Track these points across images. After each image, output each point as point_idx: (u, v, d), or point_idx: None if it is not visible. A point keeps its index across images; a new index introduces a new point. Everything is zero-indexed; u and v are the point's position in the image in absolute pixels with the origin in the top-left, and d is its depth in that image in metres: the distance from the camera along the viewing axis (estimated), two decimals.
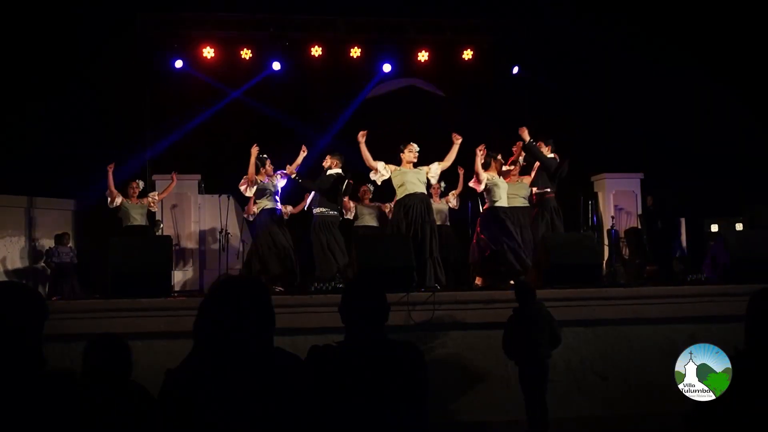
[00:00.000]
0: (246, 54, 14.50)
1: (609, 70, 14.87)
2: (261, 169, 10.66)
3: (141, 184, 12.49)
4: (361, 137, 9.97)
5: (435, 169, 10.21)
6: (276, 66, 14.73)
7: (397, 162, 10.20)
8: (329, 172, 10.67)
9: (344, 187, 10.80)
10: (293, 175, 10.72)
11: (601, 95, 14.77)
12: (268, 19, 14.43)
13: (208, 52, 14.32)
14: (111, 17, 13.82)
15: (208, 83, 14.65)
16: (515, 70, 15.32)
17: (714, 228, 13.84)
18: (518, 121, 14.91)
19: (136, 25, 13.97)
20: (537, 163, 10.85)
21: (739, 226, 13.66)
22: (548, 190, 10.58)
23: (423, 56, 14.98)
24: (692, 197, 14.27)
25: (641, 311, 8.35)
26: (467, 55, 15.11)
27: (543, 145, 10.71)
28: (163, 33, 14.18)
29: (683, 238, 14.33)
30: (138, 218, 12.02)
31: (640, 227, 13.90)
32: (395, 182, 10.07)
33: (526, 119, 14.93)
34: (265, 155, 10.73)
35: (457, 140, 10.18)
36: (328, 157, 10.80)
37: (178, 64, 14.38)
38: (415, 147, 10.16)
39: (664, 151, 14.31)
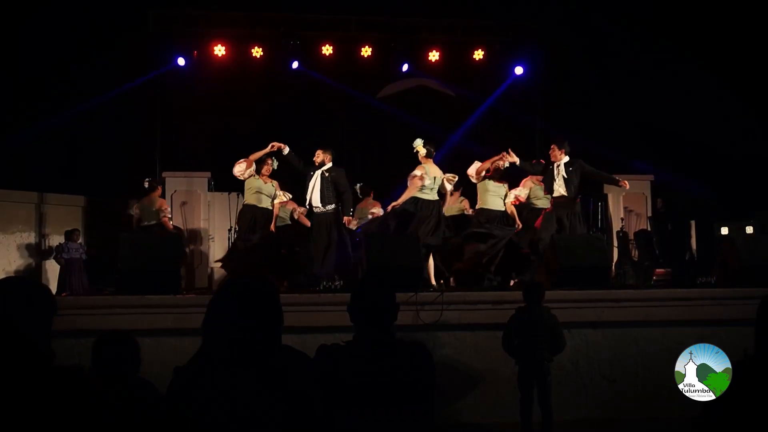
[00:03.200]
0: (257, 52, 14.50)
1: (620, 72, 14.83)
2: (263, 166, 10.81)
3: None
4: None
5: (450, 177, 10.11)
6: (295, 64, 14.75)
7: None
8: (324, 167, 10.51)
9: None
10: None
11: (612, 96, 14.73)
12: (280, 17, 14.44)
13: (219, 50, 14.32)
14: (123, 14, 13.87)
15: (218, 81, 14.66)
16: (520, 70, 15.27)
17: (724, 231, 13.77)
18: (528, 122, 15.00)
19: (148, 22, 13.99)
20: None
21: (749, 230, 13.60)
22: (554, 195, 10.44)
23: (434, 56, 14.96)
24: (702, 200, 14.23)
25: (650, 313, 8.33)
26: (478, 55, 15.07)
27: (556, 148, 10.45)
28: (174, 30, 14.20)
29: (693, 240, 14.28)
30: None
31: (649, 229, 13.86)
32: (429, 175, 9.79)
33: (536, 120, 15.05)
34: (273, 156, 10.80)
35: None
36: (319, 152, 10.51)
37: (189, 61, 14.39)
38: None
39: (674, 153, 14.27)
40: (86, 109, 14.04)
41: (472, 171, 10.67)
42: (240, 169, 10.76)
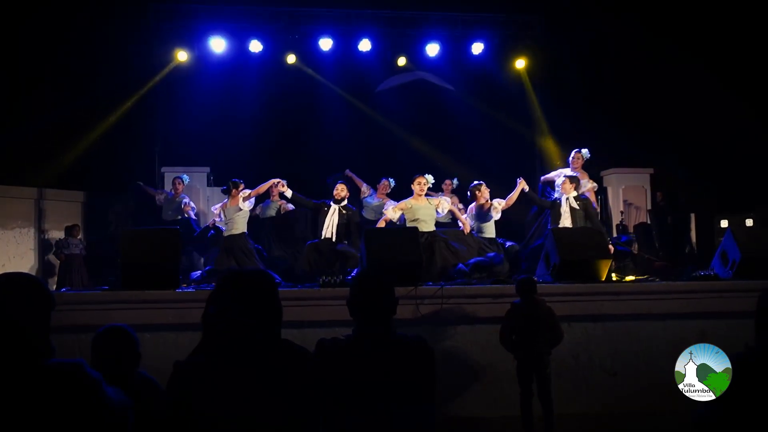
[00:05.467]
0: (256, 46, 14.48)
1: (620, 65, 14.82)
2: (233, 190, 10.72)
3: (185, 179, 12.64)
4: None
5: (444, 206, 10.32)
6: (291, 59, 14.71)
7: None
8: (342, 204, 10.62)
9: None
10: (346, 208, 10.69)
11: (611, 90, 14.72)
12: (279, 11, 14.42)
13: (218, 44, 14.30)
14: (123, 9, 13.86)
15: (217, 75, 14.64)
16: (521, 63, 15.24)
17: (724, 224, 13.79)
18: (527, 116, 14.98)
19: (148, 16, 13.98)
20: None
21: (749, 222, 13.62)
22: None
23: (433, 49, 14.93)
24: (702, 193, 14.24)
25: (650, 307, 8.32)
26: (477, 48, 15.04)
27: (569, 181, 10.66)
28: (174, 24, 14.18)
29: (693, 233, 14.29)
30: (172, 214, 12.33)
31: (649, 222, 13.87)
32: (408, 217, 10.13)
33: (535, 114, 15.04)
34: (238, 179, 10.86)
35: (522, 185, 10.56)
36: (344, 186, 10.72)
37: (189, 55, 14.37)
38: (424, 180, 10.26)
39: (674, 146, 14.27)
40: (85, 104, 14.04)
41: (497, 207, 10.65)
42: (249, 204, 10.72)
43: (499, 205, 10.51)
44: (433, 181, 10.50)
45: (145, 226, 10.70)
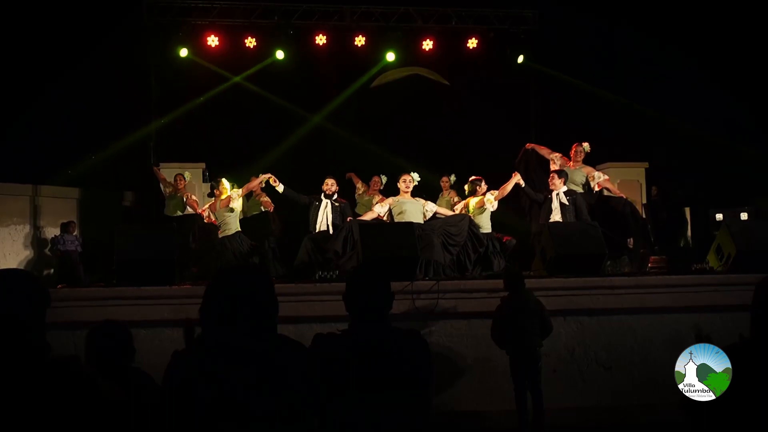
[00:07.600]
0: (250, 42, 14.45)
1: (614, 60, 14.82)
2: (215, 191, 10.73)
3: (187, 176, 12.64)
4: None
5: (430, 208, 10.38)
6: (280, 54, 14.68)
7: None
8: (333, 198, 10.65)
9: None
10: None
11: (607, 84, 14.71)
12: (273, 7, 14.39)
13: (213, 40, 14.27)
14: (117, 4, 13.83)
15: (212, 71, 14.62)
16: (520, 59, 15.24)
17: (719, 217, 13.81)
18: (523, 111, 14.97)
19: (142, 12, 13.94)
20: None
21: (743, 216, 13.64)
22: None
23: (427, 45, 14.91)
24: (697, 187, 14.25)
25: (645, 301, 8.35)
26: (472, 43, 15.03)
27: (556, 177, 10.58)
28: (168, 20, 14.15)
29: (688, 227, 14.29)
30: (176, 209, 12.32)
31: (644, 217, 13.87)
32: (394, 212, 10.15)
33: (531, 109, 15.03)
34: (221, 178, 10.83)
35: (516, 178, 10.50)
36: (333, 181, 10.73)
37: (183, 51, 14.34)
38: (409, 177, 10.30)
39: (669, 140, 14.28)
40: (81, 101, 14.02)
41: (491, 198, 10.59)
42: (239, 204, 10.62)
43: (492, 195, 10.42)
44: (419, 179, 10.49)
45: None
